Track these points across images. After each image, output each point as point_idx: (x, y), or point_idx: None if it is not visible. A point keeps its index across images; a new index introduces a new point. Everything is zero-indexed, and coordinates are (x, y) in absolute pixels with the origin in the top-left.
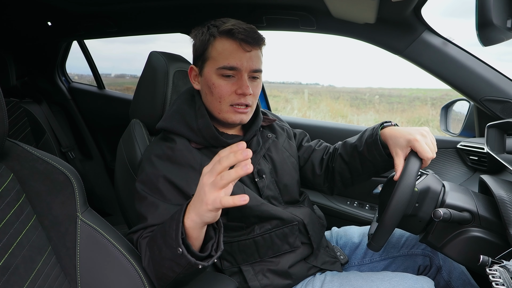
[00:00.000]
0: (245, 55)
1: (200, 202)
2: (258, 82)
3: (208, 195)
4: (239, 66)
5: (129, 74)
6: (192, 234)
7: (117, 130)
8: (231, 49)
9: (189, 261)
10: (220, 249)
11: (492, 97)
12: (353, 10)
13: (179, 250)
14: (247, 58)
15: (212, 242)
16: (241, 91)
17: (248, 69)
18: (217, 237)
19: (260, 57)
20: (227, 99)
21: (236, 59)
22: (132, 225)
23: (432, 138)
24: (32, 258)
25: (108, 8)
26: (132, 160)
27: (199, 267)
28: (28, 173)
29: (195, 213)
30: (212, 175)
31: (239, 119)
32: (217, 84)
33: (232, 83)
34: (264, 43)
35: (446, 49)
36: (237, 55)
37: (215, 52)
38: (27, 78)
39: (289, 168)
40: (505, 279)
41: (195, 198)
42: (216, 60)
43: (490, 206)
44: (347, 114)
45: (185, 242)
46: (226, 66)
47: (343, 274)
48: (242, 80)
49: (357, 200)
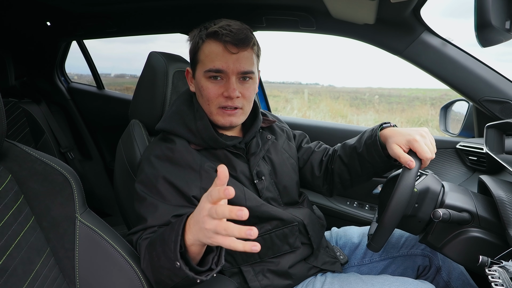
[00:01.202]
0: (231, 57)
1: (203, 233)
2: (250, 83)
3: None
4: (224, 68)
5: (128, 74)
6: (192, 249)
7: (117, 131)
8: (217, 51)
9: (187, 275)
10: (221, 263)
11: (491, 97)
12: (353, 11)
13: (177, 264)
14: (233, 60)
15: (213, 255)
16: (227, 94)
17: (235, 71)
18: (219, 250)
19: (250, 58)
20: (215, 102)
21: (221, 61)
22: (131, 225)
23: (431, 138)
24: (30, 259)
25: (107, 8)
26: (131, 160)
27: (197, 282)
28: (27, 174)
29: (192, 235)
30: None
31: (228, 121)
32: (205, 86)
33: (219, 85)
34: (255, 43)
35: (445, 49)
36: (222, 57)
37: (203, 55)
38: (26, 78)
39: (289, 169)
40: (504, 280)
41: (194, 224)
42: (203, 63)
43: (489, 207)
44: (347, 114)
45: (183, 255)
46: (212, 69)
47: (343, 276)
48: (229, 82)
49: (356, 200)
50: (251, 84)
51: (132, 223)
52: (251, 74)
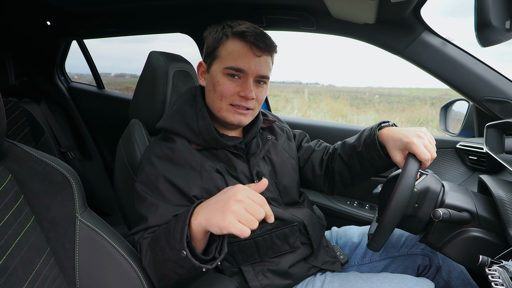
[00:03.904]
0: (254, 59)
1: (220, 215)
2: (264, 88)
3: (232, 206)
4: (246, 69)
5: (128, 73)
6: (198, 237)
7: (117, 130)
8: (241, 51)
9: (193, 264)
10: (224, 251)
11: (491, 97)
12: (353, 11)
13: (183, 253)
14: (255, 63)
15: (216, 245)
16: (244, 94)
17: (255, 73)
18: (221, 240)
19: (269, 64)
20: (228, 98)
21: (244, 61)
22: (131, 225)
23: (430, 138)
24: (30, 259)
25: (107, 8)
26: (131, 160)
27: (202, 270)
28: (27, 174)
29: (205, 218)
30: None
31: (238, 120)
32: (221, 82)
33: (236, 84)
34: (276, 50)
35: (445, 49)
36: (246, 57)
37: (225, 52)
38: (26, 77)
39: (289, 169)
40: (504, 279)
41: (212, 205)
42: (225, 59)
43: (489, 206)
44: (347, 114)
45: (189, 244)
46: (233, 67)
47: (343, 275)
48: (247, 83)
49: (357, 200)
50: (265, 88)
51: (132, 223)
52: (267, 79)
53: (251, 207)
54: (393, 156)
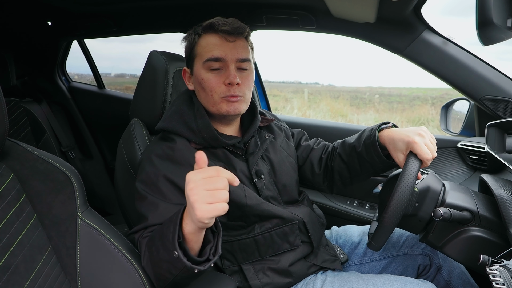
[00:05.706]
0: (229, 45)
1: (192, 210)
2: (248, 73)
3: (193, 195)
4: (223, 56)
5: (129, 73)
6: (190, 238)
7: (117, 130)
8: (214, 41)
9: (185, 265)
10: (218, 253)
11: (492, 96)
12: (353, 10)
13: (175, 254)
14: (230, 48)
15: (210, 246)
16: (228, 81)
17: (233, 59)
18: (216, 241)
19: (246, 47)
20: (218, 91)
21: (220, 50)
22: (132, 224)
23: (431, 137)
24: (32, 257)
25: (107, 8)
26: (132, 159)
27: (195, 271)
28: (29, 173)
29: (190, 218)
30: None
31: (232, 108)
32: (206, 78)
33: (220, 75)
34: (249, 33)
35: (446, 48)
36: (220, 46)
37: (200, 48)
38: (27, 77)
39: (288, 168)
40: (505, 279)
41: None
42: (202, 55)
43: (490, 206)
44: (347, 114)
45: (182, 245)
46: (211, 58)
47: (344, 275)
48: (229, 70)
49: (357, 199)
50: (249, 74)
51: (133, 222)
52: (248, 62)
53: (207, 184)
54: (395, 158)
